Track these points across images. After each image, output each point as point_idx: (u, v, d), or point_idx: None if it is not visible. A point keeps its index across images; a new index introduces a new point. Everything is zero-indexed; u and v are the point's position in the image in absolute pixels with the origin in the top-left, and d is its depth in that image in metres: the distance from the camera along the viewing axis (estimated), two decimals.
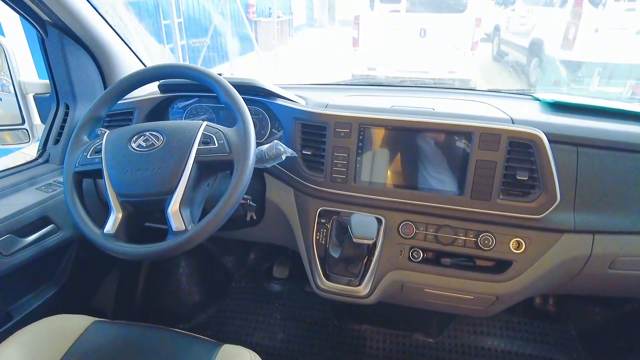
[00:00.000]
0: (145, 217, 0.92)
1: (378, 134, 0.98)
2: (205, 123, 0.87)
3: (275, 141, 0.92)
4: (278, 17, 8.69)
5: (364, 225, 0.87)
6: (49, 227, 1.09)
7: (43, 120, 1.29)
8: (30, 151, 1.33)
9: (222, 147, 0.83)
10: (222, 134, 0.84)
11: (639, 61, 4.82)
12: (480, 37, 5.50)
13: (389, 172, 0.99)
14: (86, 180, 1.11)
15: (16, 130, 1.29)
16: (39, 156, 1.23)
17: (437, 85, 1.38)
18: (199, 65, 0.94)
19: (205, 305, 1.66)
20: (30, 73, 1.35)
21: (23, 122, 1.27)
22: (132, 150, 0.85)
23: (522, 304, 1.55)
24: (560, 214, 0.92)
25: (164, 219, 0.81)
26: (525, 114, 1.00)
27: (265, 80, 1.11)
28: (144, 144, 0.85)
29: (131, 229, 0.85)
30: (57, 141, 1.23)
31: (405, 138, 0.97)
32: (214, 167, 0.86)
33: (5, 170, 1.14)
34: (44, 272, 1.18)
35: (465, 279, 0.98)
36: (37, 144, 1.29)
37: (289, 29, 9.98)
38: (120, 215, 0.83)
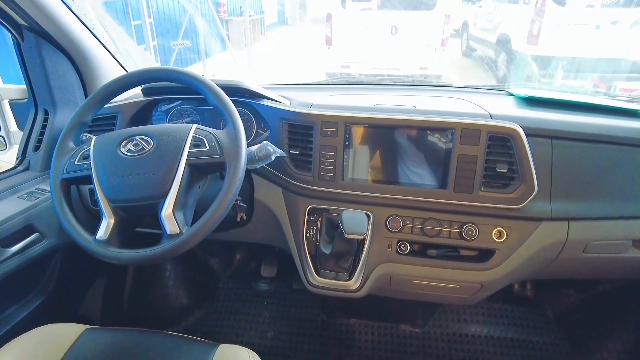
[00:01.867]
0: (137, 222, 0.92)
1: (364, 132, 1.01)
2: (195, 126, 0.87)
3: (265, 142, 0.94)
4: (249, 15, 8.62)
5: (355, 221, 0.89)
6: (33, 235, 1.07)
7: (20, 126, 1.26)
8: (7, 158, 1.30)
9: (213, 150, 0.84)
10: (212, 137, 0.85)
11: (601, 55, 5.04)
12: (449, 34, 5.62)
13: (375, 169, 1.02)
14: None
15: None
16: (19, 163, 1.20)
17: (415, 84, 1.42)
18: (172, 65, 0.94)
19: (194, 307, 1.65)
20: None
21: None
22: (122, 155, 0.85)
23: (502, 291, 1.61)
24: (538, 203, 0.97)
25: (155, 223, 0.82)
26: (502, 109, 1.04)
27: (250, 82, 1.12)
28: (133, 149, 0.85)
29: (124, 234, 0.85)
30: (37, 148, 1.20)
31: (390, 135, 1.00)
32: (206, 169, 0.87)
33: None
34: (29, 281, 1.15)
35: (450, 269, 1.02)
36: (13, 150, 1.26)
37: (260, 28, 9.92)
38: (112, 220, 0.82)
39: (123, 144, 0.86)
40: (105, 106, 1.16)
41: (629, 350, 1.38)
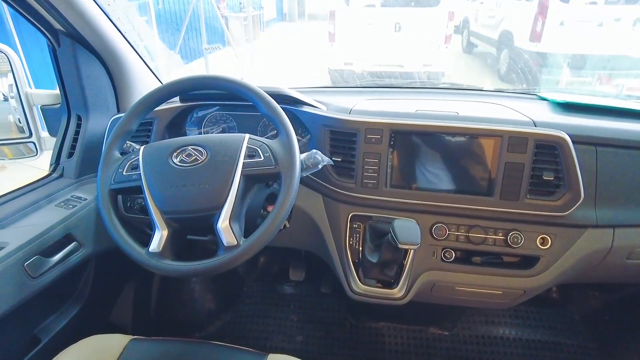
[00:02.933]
0: (189, 233, 0.91)
1: (408, 139, 1.00)
2: (248, 136, 0.86)
3: (314, 150, 0.93)
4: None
5: (408, 230, 0.88)
6: (71, 245, 1.06)
7: (52, 132, 1.24)
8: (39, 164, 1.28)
9: (268, 160, 0.83)
10: (267, 147, 0.84)
11: (604, 53, 5.07)
12: (452, 30, 5.62)
13: (419, 175, 1.02)
14: None
15: (22, 144, 1.24)
16: (53, 171, 1.19)
17: (446, 86, 1.42)
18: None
19: (220, 312, 1.65)
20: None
21: (30, 135, 1.22)
22: (174, 165, 0.84)
23: None
24: (583, 210, 0.97)
25: (205, 232, 0.81)
26: (543, 116, 1.04)
27: (289, 88, 1.11)
28: (186, 159, 0.84)
29: (177, 246, 0.84)
30: (70, 154, 1.18)
31: (434, 142, 1.00)
32: (260, 179, 0.86)
33: (22, 188, 1.10)
34: (67, 290, 1.15)
35: (494, 276, 1.02)
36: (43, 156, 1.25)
37: (260, 24, 9.86)
38: (165, 232, 0.81)
39: (175, 154, 0.85)
40: None
41: None
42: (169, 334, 1.45)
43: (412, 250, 1.01)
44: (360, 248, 1.06)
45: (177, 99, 1.20)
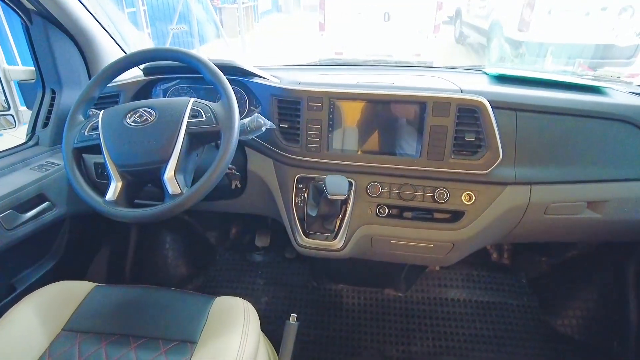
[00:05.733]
0: (142, 185, 1.02)
1: (346, 107, 1.10)
2: (193, 99, 0.97)
3: (256, 114, 1.04)
4: (243, 2, 8.62)
5: (336, 184, 0.99)
6: (44, 204, 1.17)
7: (28, 105, 1.35)
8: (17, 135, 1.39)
9: (209, 120, 0.94)
10: (208, 108, 0.95)
11: (587, 41, 5.13)
12: (442, 20, 5.68)
13: (356, 140, 1.12)
14: None
15: (1, 117, 1.35)
16: (29, 139, 1.30)
17: (397, 65, 1.52)
18: None
19: (192, 276, 1.77)
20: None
21: (8, 108, 1.33)
22: (128, 125, 0.95)
23: (481, 259, 1.75)
24: (503, 169, 1.07)
25: (156, 184, 0.92)
26: (473, 86, 1.14)
27: (243, 61, 1.21)
28: (138, 120, 0.95)
29: (130, 196, 0.95)
30: (45, 125, 1.29)
31: (370, 109, 1.10)
32: (203, 137, 0.97)
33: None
34: (42, 246, 1.26)
35: (425, 229, 1.13)
36: (23, 128, 1.36)
37: (254, 15, 9.91)
38: (119, 184, 0.93)
39: (128, 115, 0.96)
40: (108, 86, 1.26)
41: (592, 307, 1.51)
42: None
43: (349, 206, 1.12)
44: (305, 205, 1.16)
45: (141, 73, 1.31)
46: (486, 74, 1.35)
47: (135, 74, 1.33)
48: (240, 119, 1.04)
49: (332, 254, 1.15)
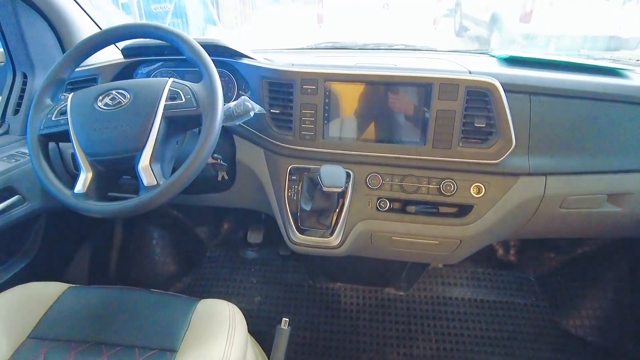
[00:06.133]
0: (116, 176, 0.92)
1: (344, 90, 1.01)
2: (171, 79, 0.87)
3: (243, 97, 0.94)
4: None
5: (332, 175, 0.90)
6: (14, 198, 1.07)
7: None
8: None
9: (189, 102, 0.84)
10: (188, 89, 0.85)
11: (593, 33, 5.03)
12: (443, 13, 5.59)
13: (355, 127, 1.02)
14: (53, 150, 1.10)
15: None
16: None
17: (399, 48, 1.41)
18: None
19: (181, 275, 1.67)
20: None
21: None
22: (99, 109, 0.85)
23: (486, 255, 1.66)
24: (516, 158, 0.98)
25: (132, 175, 0.82)
26: (482, 68, 1.05)
27: (230, 40, 1.11)
28: (110, 103, 0.85)
29: (102, 188, 0.86)
30: (16, 112, 1.19)
31: (370, 93, 1.00)
32: (182, 122, 0.87)
33: None
34: (12, 245, 1.16)
35: (429, 225, 1.03)
36: None
37: (251, 6, 9.75)
38: (90, 174, 0.83)
39: (100, 98, 0.86)
40: (84, 68, 1.17)
41: (605, 307, 1.42)
42: None
43: (347, 199, 1.02)
44: (298, 199, 1.07)
45: (120, 55, 1.20)
46: (494, 56, 1.25)
47: (114, 55, 1.22)
48: (227, 104, 0.94)
49: (329, 251, 1.06)
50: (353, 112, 1.02)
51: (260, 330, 1.43)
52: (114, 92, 0.86)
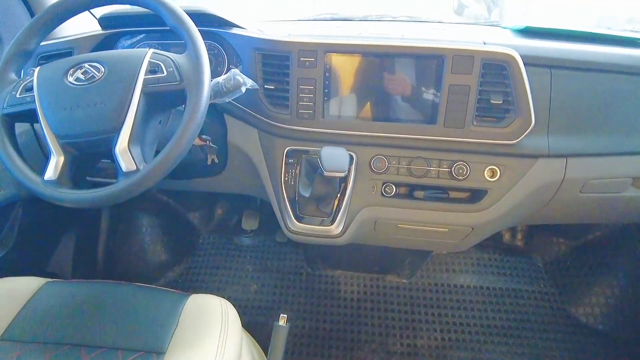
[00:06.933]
0: (92, 160, 0.83)
1: (346, 63, 0.91)
2: (151, 50, 0.77)
3: (233, 70, 0.83)
4: None
5: (334, 158, 0.81)
6: None
7: None
8: None
9: (171, 75, 0.74)
10: (171, 61, 0.75)
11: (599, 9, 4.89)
12: None
13: (358, 104, 0.93)
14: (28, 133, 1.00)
15: None
16: None
17: (403, 19, 1.31)
18: None
19: (173, 263, 1.60)
20: None
21: None
22: (70, 84, 0.75)
23: (492, 241, 1.59)
24: (535, 138, 0.90)
25: (109, 159, 0.73)
26: (497, 39, 0.96)
27: (219, 9, 1.00)
28: (82, 77, 0.75)
29: (77, 175, 0.77)
30: None
31: (375, 66, 0.91)
32: (165, 98, 0.77)
33: None
34: None
35: (439, 211, 0.96)
36: None
37: None
38: (62, 158, 0.74)
39: (70, 72, 0.76)
40: (58, 41, 1.06)
41: (617, 294, 1.36)
42: None
43: (349, 184, 0.94)
44: (296, 184, 0.98)
45: (98, 27, 1.09)
46: (507, 28, 1.15)
47: (92, 27, 1.11)
48: (215, 78, 0.84)
49: (329, 240, 0.98)
50: (356, 88, 0.92)
51: (257, 322, 1.37)
52: (86, 65, 0.76)
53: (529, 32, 1.06)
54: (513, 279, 1.51)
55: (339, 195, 0.95)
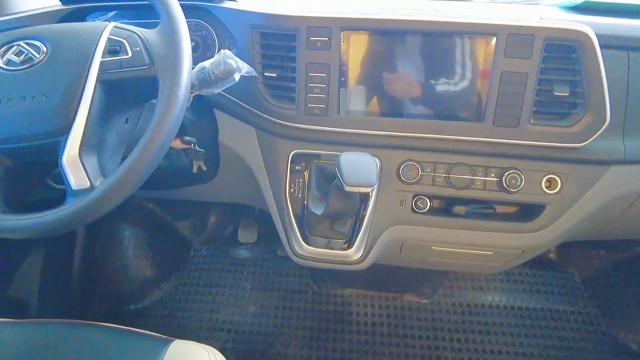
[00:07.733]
0: (35, 173, 0.64)
1: (367, 44, 0.73)
2: (112, 24, 0.58)
3: (223, 52, 0.64)
4: None
5: (358, 167, 0.64)
6: None
7: None
8: None
9: (138, 57, 0.56)
10: (137, 38, 0.57)
11: None
12: None
13: (383, 97, 0.75)
14: None
15: None
16: None
17: None
18: None
19: (160, 280, 1.43)
20: None
21: None
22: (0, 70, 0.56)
23: None
24: (607, 140, 0.73)
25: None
26: (554, 16, 0.77)
27: None
28: (16, 60, 0.57)
29: (11, 193, 0.57)
30: None
31: (404, 48, 0.73)
32: (130, 88, 0.59)
33: None
34: None
35: (483, 231, 0.78)
36: None
37: None
38: None
39: (0, 53, 0.57)
40: (6, 18, 0.86)
41: None
42: (94, 309, 1.16)
43: (371, 198, 0.75)
44: (305, 197, 0.80)
45: (58, 2, 0.89)
46: (555, 6, 0.96)
47: (53, 2, 0.92)
48: (200, 63, 0.65)
49: (346, 267, 0.80)
50: (380, 76, 0.74)
51: (256, 351, 1.19)
52: (21, 42, 0.57)
53: (584, 8, 0.88)
54: (548, 298, 1.34)
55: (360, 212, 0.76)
